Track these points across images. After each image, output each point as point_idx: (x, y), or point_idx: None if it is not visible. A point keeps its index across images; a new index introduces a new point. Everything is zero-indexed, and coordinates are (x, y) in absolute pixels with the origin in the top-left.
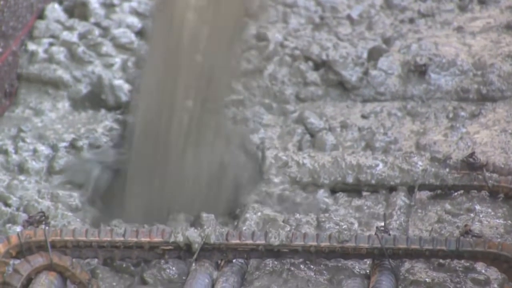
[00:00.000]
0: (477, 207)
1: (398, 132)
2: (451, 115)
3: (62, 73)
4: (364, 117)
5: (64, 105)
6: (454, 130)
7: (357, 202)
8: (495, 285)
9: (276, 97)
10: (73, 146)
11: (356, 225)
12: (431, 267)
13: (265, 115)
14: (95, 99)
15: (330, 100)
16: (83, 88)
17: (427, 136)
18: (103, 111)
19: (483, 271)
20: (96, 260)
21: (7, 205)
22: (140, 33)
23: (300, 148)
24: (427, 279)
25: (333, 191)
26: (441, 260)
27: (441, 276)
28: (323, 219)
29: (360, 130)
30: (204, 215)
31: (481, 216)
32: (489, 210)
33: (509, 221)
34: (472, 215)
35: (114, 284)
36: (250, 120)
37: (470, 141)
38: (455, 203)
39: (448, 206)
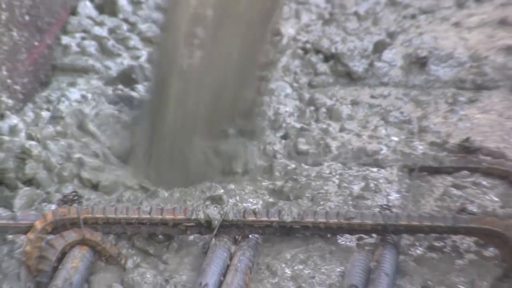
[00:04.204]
0: (482, 182)
1: (408, 113)
2: (450, 101)
3: (93, 62)
4: (373, 97)
5: (98, 83)
6: (453, 112)
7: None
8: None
9: (292, 86)
10: None
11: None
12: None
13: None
14: (126, 78)
15: (340, 86)
16: (114, 73)
17: (428, 119)
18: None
19: (478, 249)
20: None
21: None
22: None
23: (317, 120)
24: (425, 253)
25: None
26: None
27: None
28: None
29: (371, 106)
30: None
31: (480, 192)
32: (486, 189)
33: (504, 198)
34: (475, 188)
35: (139, 260)
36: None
37: (469, 121)
38: (459, 175)
39: (451, 179)
